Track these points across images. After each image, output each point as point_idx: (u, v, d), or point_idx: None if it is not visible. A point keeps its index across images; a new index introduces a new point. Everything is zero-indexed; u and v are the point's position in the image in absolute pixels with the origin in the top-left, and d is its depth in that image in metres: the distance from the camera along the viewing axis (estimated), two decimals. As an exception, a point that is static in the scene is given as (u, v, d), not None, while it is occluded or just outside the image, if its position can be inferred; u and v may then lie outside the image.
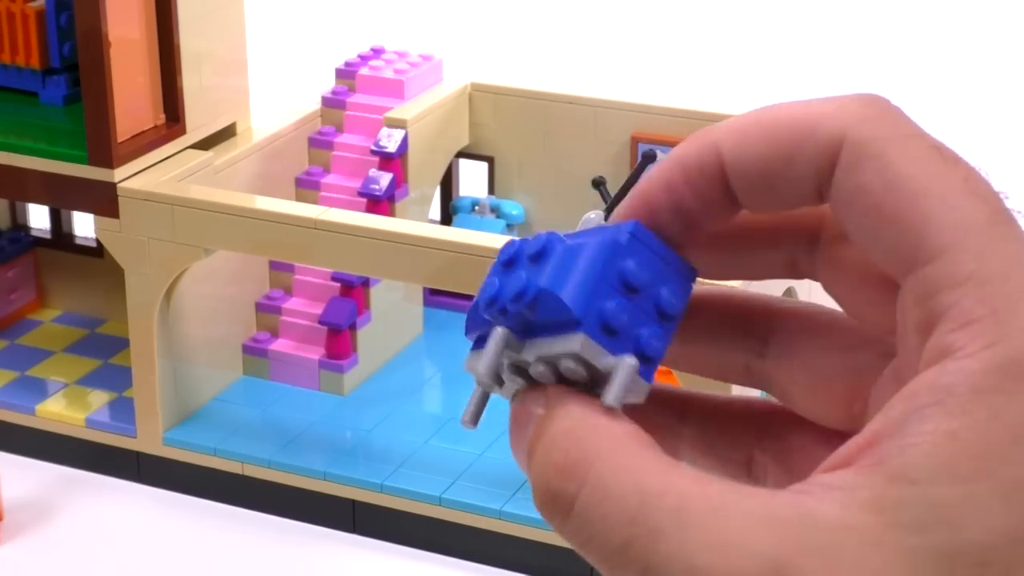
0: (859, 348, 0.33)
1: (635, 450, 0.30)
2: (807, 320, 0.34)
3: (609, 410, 0.31)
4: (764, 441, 0.35)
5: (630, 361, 0.31)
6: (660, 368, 0.33)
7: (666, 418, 0.36)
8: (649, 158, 0.35)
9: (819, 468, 0.29)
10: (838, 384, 0.33)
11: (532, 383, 0.33)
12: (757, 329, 0.35)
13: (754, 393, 0.36)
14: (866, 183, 0.30)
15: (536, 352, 0.32)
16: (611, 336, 0.31)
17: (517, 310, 0.32)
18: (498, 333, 0.33)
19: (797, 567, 0.27)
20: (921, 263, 0.29)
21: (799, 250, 0.34)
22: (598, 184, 0.39)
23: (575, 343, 0.31)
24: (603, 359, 0.31)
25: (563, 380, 0.32)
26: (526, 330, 0.32)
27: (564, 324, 0.31)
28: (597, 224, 0.34)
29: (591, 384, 0.32)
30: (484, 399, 0.34)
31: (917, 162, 0.30)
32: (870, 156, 0.30)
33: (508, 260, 0.33)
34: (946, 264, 0.29)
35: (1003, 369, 0.28)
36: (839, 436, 0.31)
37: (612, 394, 0.31)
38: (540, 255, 0.32)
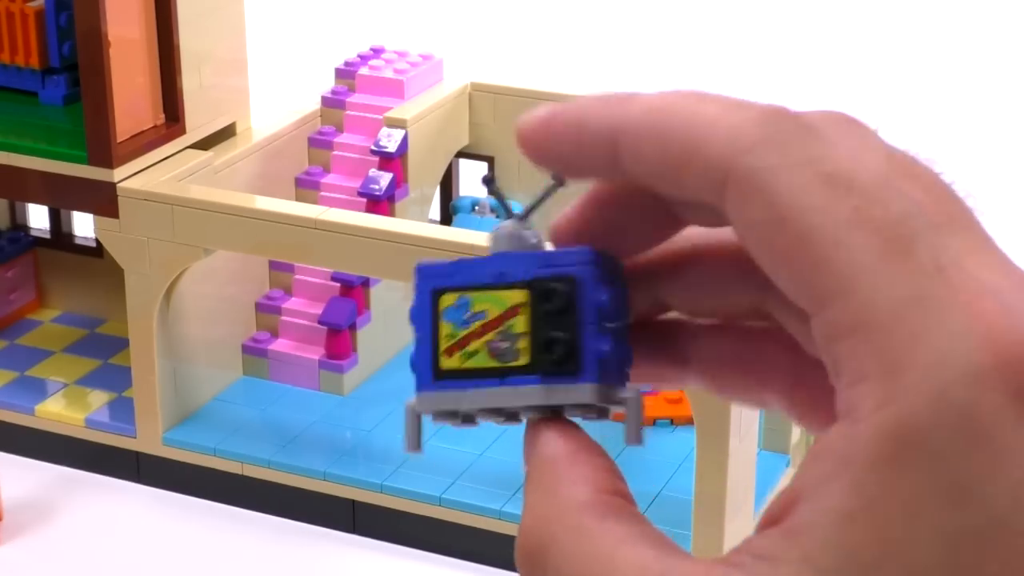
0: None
1: (587, 531, 0.30)
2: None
3: (576, 468, 0.31)
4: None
5: (635, 397, 0.32)
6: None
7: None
8: (558, 181, 0.35)
9: (761, 521, 0.29)
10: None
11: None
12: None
13: None
14: (754, 220, 0.28)
15: (530, 401, 0.32)
16: (606, 372, 0.32)
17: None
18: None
19: None
20: (816, 309, 0.28)
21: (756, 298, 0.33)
22: (488, 181, 0.39)
23: (586, 394, 0.31)
24: (612, 400, 0.32)
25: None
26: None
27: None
28: (514, 237, 0.35)
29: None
30: (419, 424, 0.34)
31: (803, 195, 0.28)
32: (755, 190, 0.28)
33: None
34: (838, 311, 0.27)
35: (894, 436, 0.26)
36: None
37: (634, 435, 0.32)
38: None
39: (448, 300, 0.33)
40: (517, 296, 0.32)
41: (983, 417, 0.26)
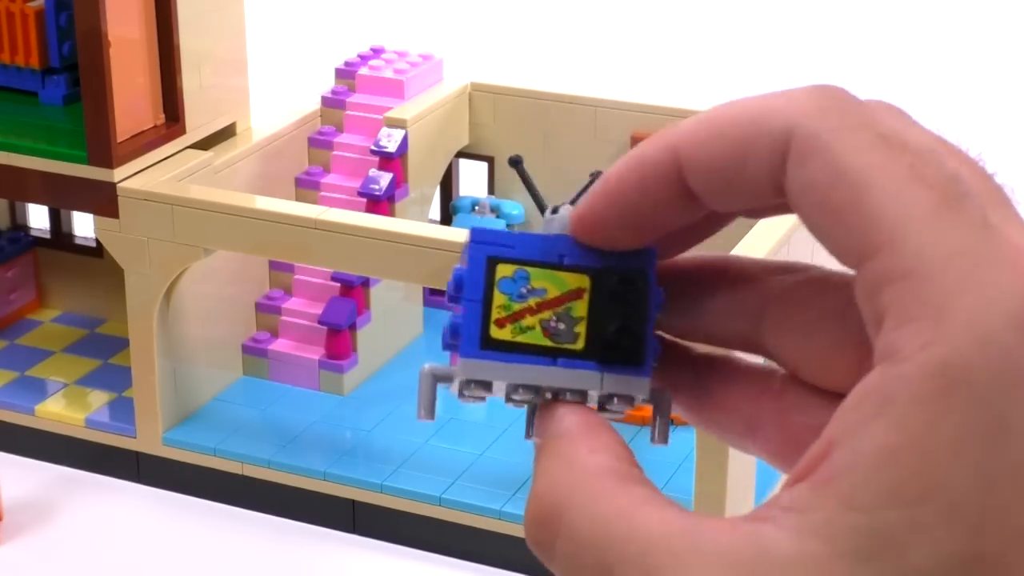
0: (855, 312, 0.32)
1: (606, 493, 0.30)
2: (800, 287, 0.34)
3: (594, 438, 0.31)
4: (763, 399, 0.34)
5: (668, 397, 0.33)
6: None
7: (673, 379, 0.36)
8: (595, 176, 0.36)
9: (787, 480, 0.29)
10: (842, 351, 0.33)
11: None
12: (751, 299, 0.34)
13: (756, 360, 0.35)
14: (813, 178, 0.29)
15: (583, 385, 0.32)
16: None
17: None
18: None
19: None
20: (866, 257, 0.29)
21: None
22: (516, 163, 0.40)
23: (644, 388, 0.32)
24: (652, 398, 0.33)
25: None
26: None
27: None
28: (562, 224, 0.34)
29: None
30: (434, 392, 0.34)
31: (862, 153, 0.29)
32: (816, 150, 0.29)
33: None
34: (888, 259, 0.28)
35: (940, 373, 0.27)
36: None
37: (662, 435, 0.33)
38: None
39: (506, 271, 0.33)
40: (580, 281, 0.32)
41: None
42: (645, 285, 0.32)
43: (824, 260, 0.33)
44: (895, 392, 0.27)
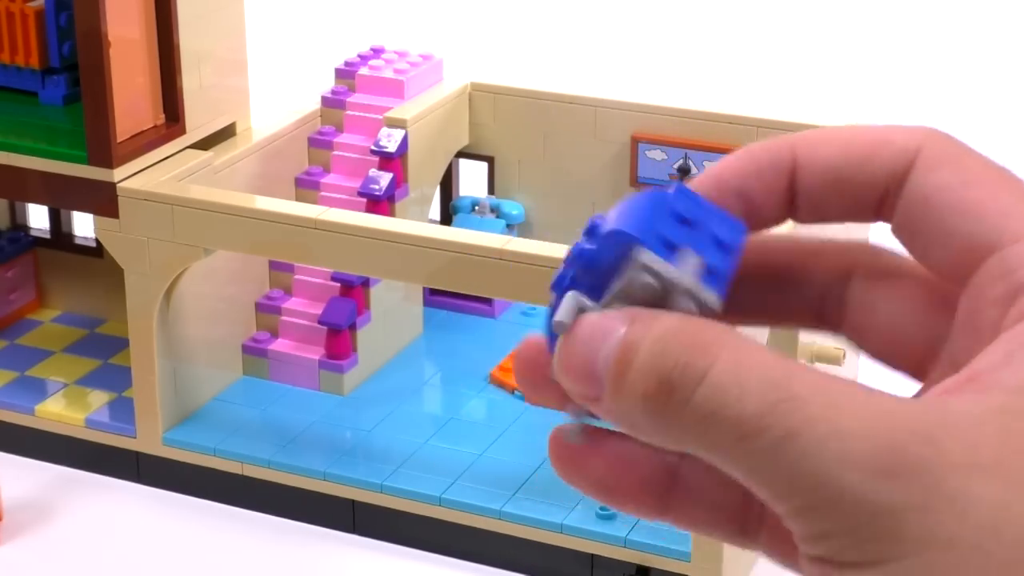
0: (940, 308, 0.34)
1: (755, 343, 0.31)
2: (891, 269, 0.36)
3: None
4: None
5: (695, 260, 0.32)
6: None
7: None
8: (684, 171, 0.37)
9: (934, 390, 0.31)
10: (915, 340, 0.34)
11: None
12: (833, 274, 0.36)
13: None
14: (946, 181, 0.33)
15: (607, 299, 0.33)
16: (672, 252, 0.32)
17: (583, 250, 0.33)
18: (569, 296, 0.33)
19: (941, 440, 0.29)
20: (1004, 244, 0.32)
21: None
22: (683, 171, 0.42)
23: (641, 256, 0.32)
24: (669, 267, 0.32)
25: None
26: (598, 287, 0.33)
27: (628, 260, 0.33)
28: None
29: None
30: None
31: (987, 169, 0.33)
32: (947, 160, 0.33)
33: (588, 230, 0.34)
34: (1018, 246, 0.32)
35: None
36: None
37: (689, 284, 0.32)
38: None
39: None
40: None
41: None
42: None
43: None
44: None
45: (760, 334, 1.05)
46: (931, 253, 0.33)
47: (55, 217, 1.41)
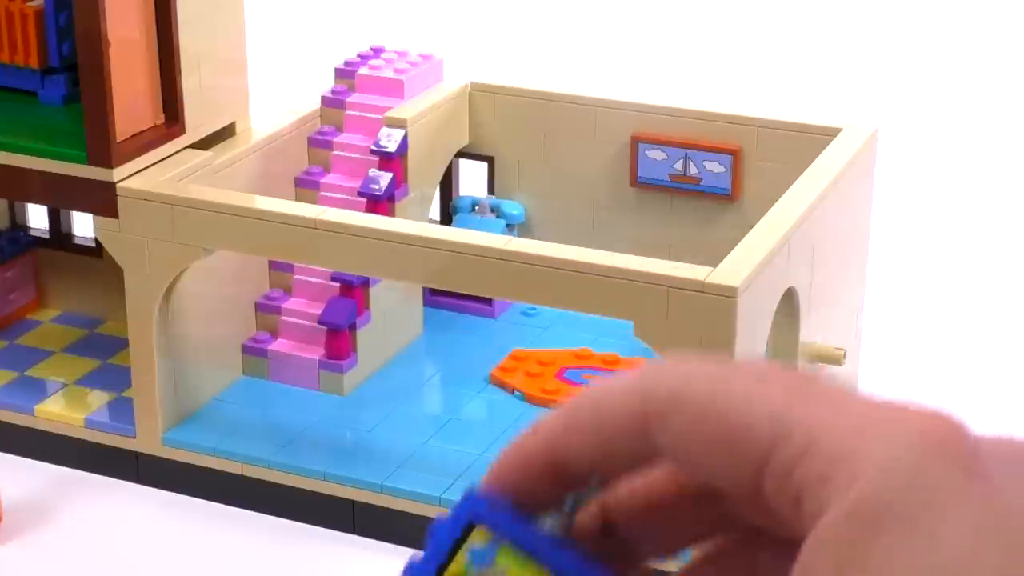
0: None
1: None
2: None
3: None
4: None
5: None
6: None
7: None
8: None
9: None
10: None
11: None
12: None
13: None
14: (691, 425, 0.32)
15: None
16: None
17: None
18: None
19: None
20: (764, 459, 0.31)
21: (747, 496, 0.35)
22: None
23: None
24: None
25: None
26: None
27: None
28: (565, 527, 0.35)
29: None
30: None
31: (721, 384, 0.32)
32: (684, 401, 0.32)
33: None
34: (782, 449, 0.31)
35: (859, 511, 0.29)
36: None
37: None
38: None
39: (479, 538, 0.34)
40: None
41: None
42: None
43: (831, 258, 0.33)
44: (826, 540, 0.30)
45: (759, 344, 1.05)
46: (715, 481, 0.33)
47: (55, 217, 1.41)
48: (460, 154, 1.39)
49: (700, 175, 1.31)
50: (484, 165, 1.40)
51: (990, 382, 1.38)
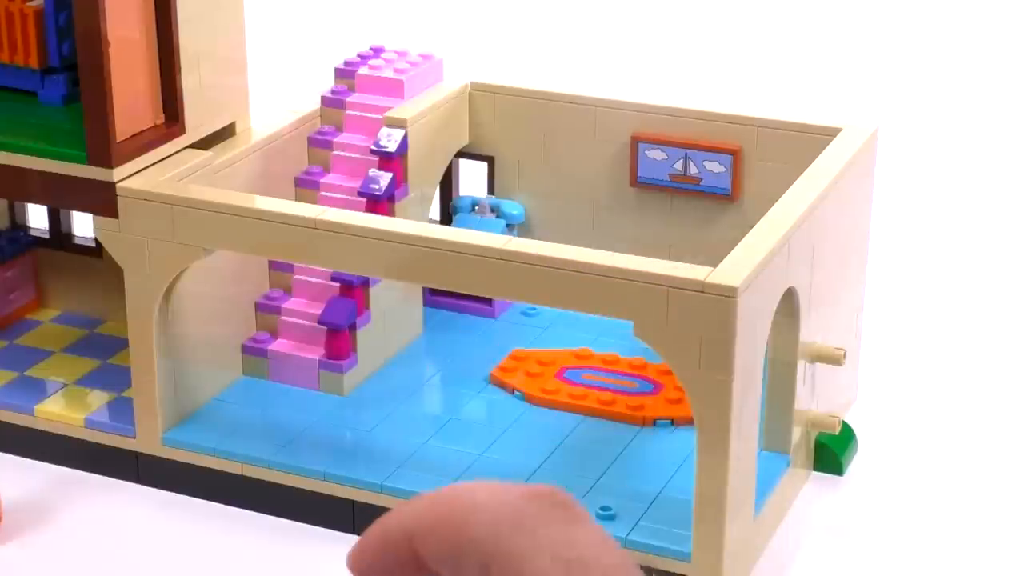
0: None
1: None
2: None
3: None
4: None
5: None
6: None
7: None
8: None
9: None
10: None
11: None
12: None
13: None
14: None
15: None
16: None
17: None
18: None
19: None
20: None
21: None
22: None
23: None
24: None
25: None
26: None
27: None
28: None
29: None
30: None
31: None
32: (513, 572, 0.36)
33: None
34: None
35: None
36: None
37: None
38: None
39: None
40: None
41: None
42: None
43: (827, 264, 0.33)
44: None
45: (760, 344, 1.05)
46: None
47: (55, 217, 1.41)
48: (460, 154, 1.39)
49: (700, 175, 1.31)
50: (484, 165, 1.40)
51: (990, 382, 1.38)
